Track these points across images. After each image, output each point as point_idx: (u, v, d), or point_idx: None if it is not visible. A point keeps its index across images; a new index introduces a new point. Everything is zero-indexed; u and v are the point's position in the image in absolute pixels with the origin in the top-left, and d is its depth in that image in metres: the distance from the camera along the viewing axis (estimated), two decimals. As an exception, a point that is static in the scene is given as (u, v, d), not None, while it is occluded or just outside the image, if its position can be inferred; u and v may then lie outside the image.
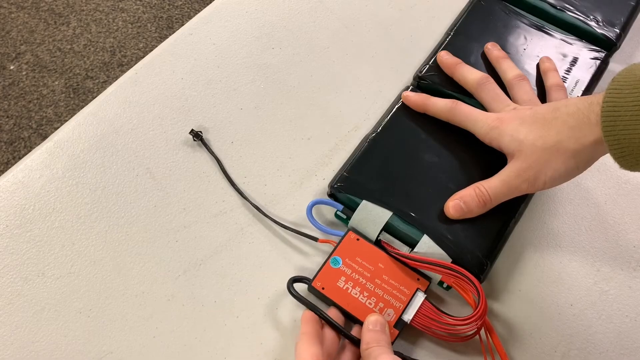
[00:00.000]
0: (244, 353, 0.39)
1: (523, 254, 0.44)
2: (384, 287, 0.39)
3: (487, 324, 0.39)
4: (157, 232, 0.43)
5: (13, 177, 0.44)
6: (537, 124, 0.40)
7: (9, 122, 1.34)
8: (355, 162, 0.44)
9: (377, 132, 0.46)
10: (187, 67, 0.51)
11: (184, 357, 0.39)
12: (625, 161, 0.35)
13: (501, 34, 0.51)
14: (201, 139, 0.46)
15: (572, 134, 0.38)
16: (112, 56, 1.45)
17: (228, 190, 0.45)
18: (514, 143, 0.40)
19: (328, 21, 0.54)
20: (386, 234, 0.42)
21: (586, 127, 0.37)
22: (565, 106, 0.39)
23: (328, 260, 0.40)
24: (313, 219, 0.42)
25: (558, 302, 0.42)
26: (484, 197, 0.40)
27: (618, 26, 0.51)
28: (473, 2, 0.53)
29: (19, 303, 0.40)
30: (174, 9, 1.54)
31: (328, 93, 0.50)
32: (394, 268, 0.40)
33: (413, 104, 0.46)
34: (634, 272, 0.44)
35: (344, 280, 0.39)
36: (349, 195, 0.42)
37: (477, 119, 0.43)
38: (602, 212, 0.46)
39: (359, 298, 0.39)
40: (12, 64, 1.42)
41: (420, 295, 0.39)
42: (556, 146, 0.38)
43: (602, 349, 0.41)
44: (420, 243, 0.40)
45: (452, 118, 0.44)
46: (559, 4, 0.52)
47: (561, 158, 0.38)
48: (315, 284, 0.39)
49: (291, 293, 0.38)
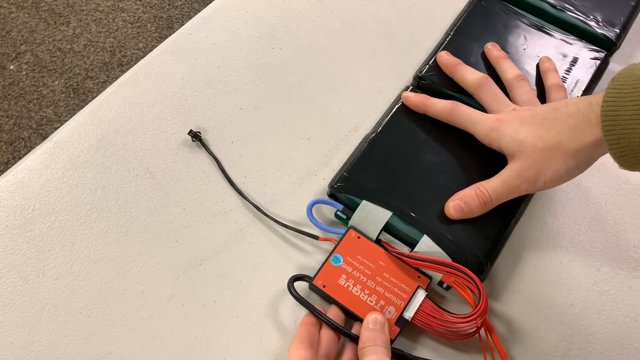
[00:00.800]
0: (244, 353, 0.39)
1: (523, 254, 0.44)
2: (385, 284, 0.39)
3: (487, 323, 0.39)
4: (157, 232, 0.43)
5: (13, 177, 0.44)
6: (536, 124, 0.40)
7: (9, 122, 1.34)
8: (355, 162, 0.44)
9: (377, 132, 0.46)
10: (187, 67, 0.51)
11: (184, 357, 0.39)
12: (625, 160, 0.35)
13: (501, 34, 0.51)
14: (200, 140, 0.46)
15: (573, 134, 0.38)
16: (112, 56, 1.45)
17: (228, 190, 0.45)
18: (514, 144, 0.40)
19: (328, 21, 0.54)
20: (386, 234, 0.42)
21: (586, 127, 0.37)
22: (565, 106, 0.39)
23: (329, 258, 0.40)
24: (313, 218, 0.42)
25: (558, 302, 0.42)
26: (484, 197, 0.40)
27: (618, 26, 0.51)
28: (473, 2, 0.53)
29: (19, 303, 0.40)
30: (174, 8, 1.54)
31: (328, 93, 0.50)
32: (394, 266, 0.40)
33: (413, 104, 0.46)
34: (634, 272, 0.44)
35: (345, 278, 0.39)
36: (349, 195, 0.42)
37: (477, 120, 0.43)
38: (602, 212, 0.46)
39: (360, 296, 0.39)
40: (12, 64, 1.42)
41: (421, 292, 0.39)
42: (556, 146, 0.38)
43: (602, 349, 0.41)
44: (420, 243, 0.40)
45: (452, 119, 0.44)
46: (559, 4, 0.52)
47: (561, 158, 0.38)
48: (317, 282, 0.39)
49: (290, 291, 0.38)
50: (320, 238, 0.42)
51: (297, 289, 0.39)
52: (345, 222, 0.43)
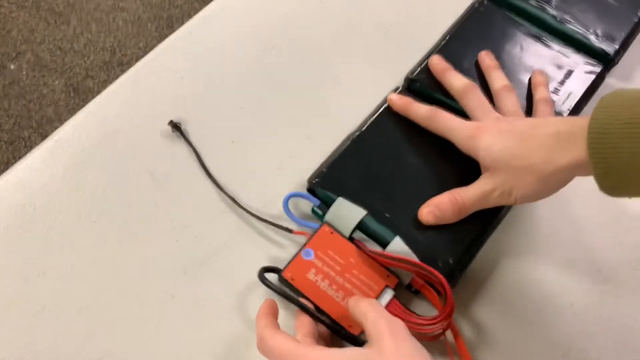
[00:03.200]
0: (244, 353, 0.39)
1: (523, 254, 0.44)
2: (353, 281, 0.39)
3: (452, 326, 0.39)
4: (157, 232, 0.43)
5: (13, 176, 0.44)
6: (513, 140, 0.39)
7: (9, 122, 1.34)
8: (335, 159, 0.44)
9: (361, 131, 0.46)
10: (187, 66, 0.51)
11: (184, 357, 0.39)
12: (608, 181, 0.34)
13: (498, 42, 0.50)
14: (181, 131, 0.46)
15: (548, 156, 0.37)
16: (112, 55, 1.45)
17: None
18: (488, 158, 0.40)
19: (328, 21, 0.54)
20: (360, 233, 0.42)
21: (564, 149, 0.36)
22: (545, 125, 0.39)
23: (300, 252, 0.40)
24: (289, 211, 0.43)
25: (558, 302, 0.42)
26: (458, 205, 0.41)
27: (618, 41, 0.50)
28: (472, 8, 0.53)
29: (19, 303, 0.40)
30: (174, 8, 1.54)
31: (328, 93, 0.50)
32: (364, 264, 0.40)
33: (396, 107, 0.46)
34: (634, 272, 0.44)
35: (314, 272, 0.39)
36: (326, 191, 0.43)
37: (454, 127, 0.43)
38: (602, 212, 0.46)
39: (327, 291, 0.39)
40: (12, 64, 1.42)
41: (389, 292, 0.39)
42: (529, 168, 0.38)
43: (602, 349, 0.41)
44: (392, 244, 0.40)
45: (431, 125, 0.44)
46: (559, 16, 0.51)
47: (534, 180, 0.38)
48: (286, 274, 0.39)
49: (263, 282, 0.38)
50: (295, 231, 0.42)
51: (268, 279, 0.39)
52: (321, 217, 0.43)
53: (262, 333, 0.35)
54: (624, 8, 0.52)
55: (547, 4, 0.52)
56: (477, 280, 0.43)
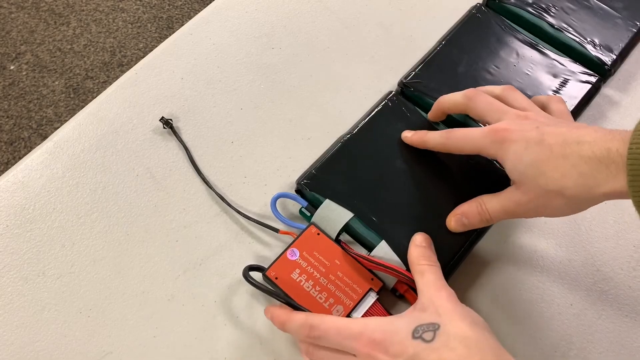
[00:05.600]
0: (244, 353, 0.39)
1: (522, 253, 0.44)
2: (337, 283, 0.39)
3: None
4: (157, 232, 0.43)
5: (13, 177, 0.44)
6: (542, 155, 0.36)
7: (9, 122, 1.34)
8: (325, 161, 0.44)
9: (352, 133, 0.45)
10: (187, 67, 0.51)
11: (184, 357, 0.39)
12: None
13: (493, 48, 0.50)
14: (172, 127, 0.46)
15: (581, 182, 0.34)
16: (112, 56, 1.45)
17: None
18: (515, 172, 0.37)
19: (328, 21, 0.54)
20: (347, 235, 0.42)
21: (600, 178, 0.34)
22: (578, 144, 0.35)
23: (285, 251, 0.40)
24: (277, 211, 0.43)
25: (558, 302, 0.42)
26: (485, 216, 0.40)
27: (615, 52, 0.49)
28: (469, 14, 0.52)
29: (19, 303, 0.40)
30: (174, 9, 1.54)
31: (328, 93, 0.50)
32: (349, 266, 0.40)
33: (413, 143, 0.44)
34: (633, 272, 0.44)
35: (298, 272, 0.39)
36: (314, 193, 0.43)
37: (474, 136, 0.39)
38: (602, 212, 0.46)
39: (310, 292, 0.39)
40: (12, 64, 1.42)
41: (372, 295, 0.39)
42: (560, 192, 0.35)
43: (602, 349, 0.41)
44: (377, 248, 0.40)
45: (450, 144, 0.41)
46: (557, 24, 0.51)
47: (564, 202, 0.36)
48: (270, 273, 0.39)
49: (247, 280, 0.38)
50: (281, 231, 0.42)
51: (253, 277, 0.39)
52: (309, 219, 0.43)
53: (309, 321, 0.35)
54: (623, 18, 0.51)
55: (545, 12, 0.51)
56: (477, 280, 0.43)
